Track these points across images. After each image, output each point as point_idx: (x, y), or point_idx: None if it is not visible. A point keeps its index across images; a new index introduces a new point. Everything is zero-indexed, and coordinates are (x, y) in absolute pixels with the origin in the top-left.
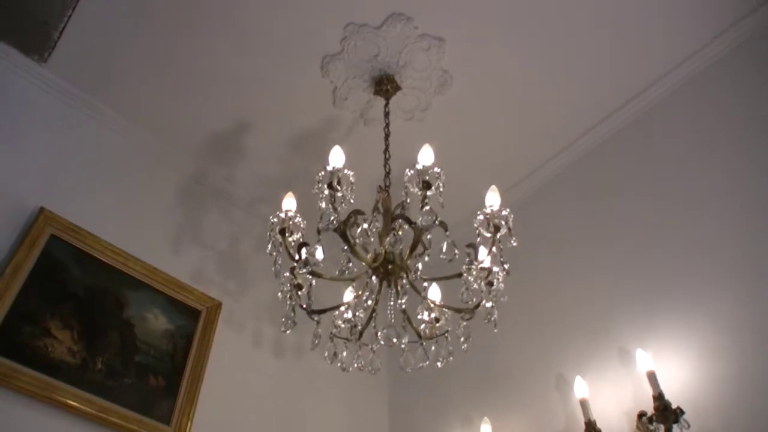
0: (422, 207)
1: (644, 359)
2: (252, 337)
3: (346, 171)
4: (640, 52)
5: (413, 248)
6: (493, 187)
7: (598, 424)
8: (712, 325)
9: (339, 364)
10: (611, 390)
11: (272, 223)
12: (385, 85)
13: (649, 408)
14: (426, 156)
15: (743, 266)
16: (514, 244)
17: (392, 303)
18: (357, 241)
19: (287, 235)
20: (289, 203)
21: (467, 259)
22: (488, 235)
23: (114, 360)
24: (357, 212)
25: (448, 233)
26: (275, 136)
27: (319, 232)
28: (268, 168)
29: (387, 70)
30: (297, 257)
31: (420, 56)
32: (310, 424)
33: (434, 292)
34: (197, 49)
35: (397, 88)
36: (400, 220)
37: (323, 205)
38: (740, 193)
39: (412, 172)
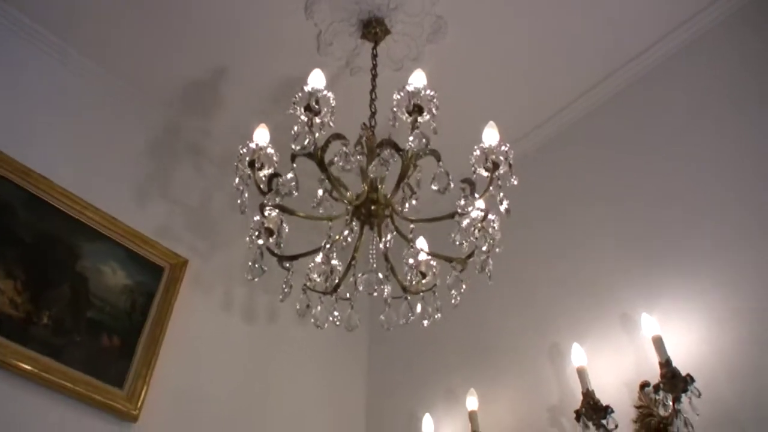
0: (412, 131)
1: (649, 323)
2: (221, 299)
3: (326, 93)
4: (644, 9)
5: (401, 179)
6: (491, 123)
7: (596, 396)
8: (721, 288)
9: (312, 320)
10: (611, 359)
11: (240, 154)
12: (373, 28)
13: (653, 378)
14: (418, 79)
15: (752, 228)
16: (515, 182)
17: (374, 249)
18: (337, 163)
19: (257, 167)
20: (262, 134)
21: (462, 195)
22: (485, 174)
23: (63, 315)
24: (337, 136)
25: (441, 163)
26: (254, 85)
27: (293, 158)
28: (246, 120)
29: (376, 13)
30: (267, 189)
31: None
32: (281, 393)
33: (421, 245)
34: None
35: (387, 32)
36: (387, 149)
37: (297, 129)
38: (749, 154)
39: (401, 94)
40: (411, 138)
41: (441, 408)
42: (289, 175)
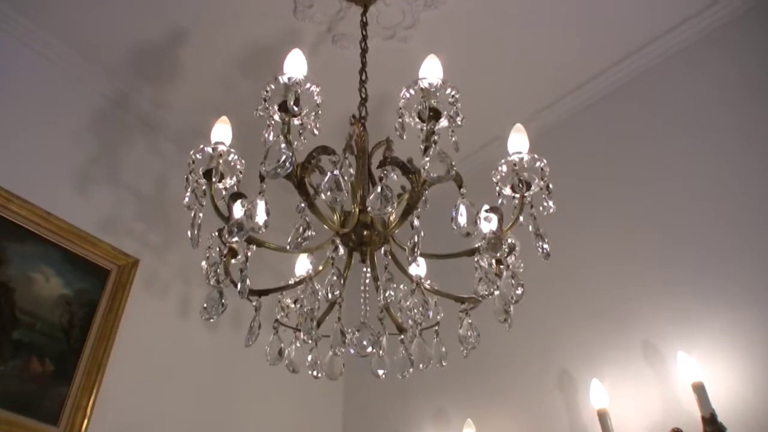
0: (427, 147)
1: (688, 365)
2: (178, 304)
3: (309, 86)
4: None
5: (408, 212)
6: (519, 126)
7: None
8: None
9: (286, 363)
10: (632, 396)
11: (192, 161)
12: None
13: (685, 425)
14: (432, 70)
15: None
16: (552, 209)
17: (365, 284)
18: (321, 194)
19: (215, 179)
20: (222, 132)
21: (485, 231)
22: (508, 192)
23: None
24: (323, 150)
25: (463, 191)
26: (219, 50)
27: (262, 178)
28: (209, 91)
29: None
30: (228, 215)
31: None
32: (250, 414)
33: (418, 268)
34: None
35: None
36: (390, 168)
37: (270, 136)
38: None
39: (411, 93)
40: (427, 161)
41: (429, 430)
42: (259, 215)
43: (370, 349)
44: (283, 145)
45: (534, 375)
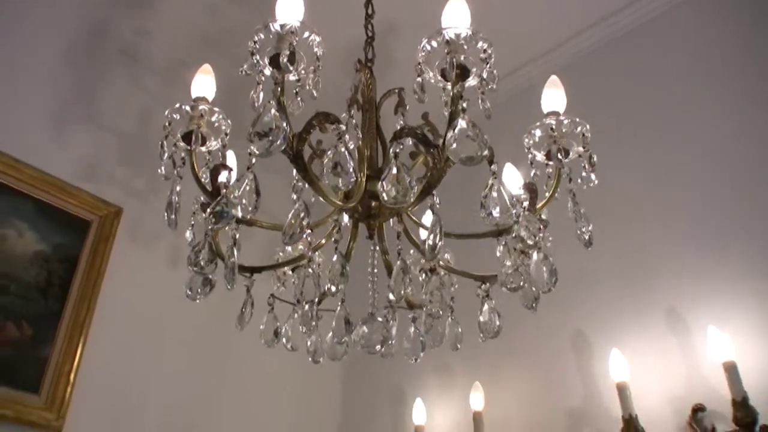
0: (452, 115)
1: (720, 342)
2: (168, 254)
3: (308, 34)
4: None
5: (427, 190)
6: (554, 78)
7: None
8: None
9: (284, 341)
10: (652, 366)
11: (169, 122)
12: None
13: (709, 400)
14: (457, 14)
15: None
16: (594, 182)
17: (373, 264)
18: (326, 175)
19: (194, 145)
20: (204, 84)
21: (515, 210)
22: (541, 159)
23: None
24: (324, 117)
25: (494, 168)
26: None
27: (251, 155)
28: (195, 19)
29: None
30: (211, 188)
31: None
32: (248, 375)
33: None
34: None
35: None
36: (408, 140)
37: (260, 98)
38: None
39: (433, 44)
40: (453, 136)
41: (433, 389)
42: (247, 197)
43: (378, 347)
44: (274, 112)
45: (548, 336)
